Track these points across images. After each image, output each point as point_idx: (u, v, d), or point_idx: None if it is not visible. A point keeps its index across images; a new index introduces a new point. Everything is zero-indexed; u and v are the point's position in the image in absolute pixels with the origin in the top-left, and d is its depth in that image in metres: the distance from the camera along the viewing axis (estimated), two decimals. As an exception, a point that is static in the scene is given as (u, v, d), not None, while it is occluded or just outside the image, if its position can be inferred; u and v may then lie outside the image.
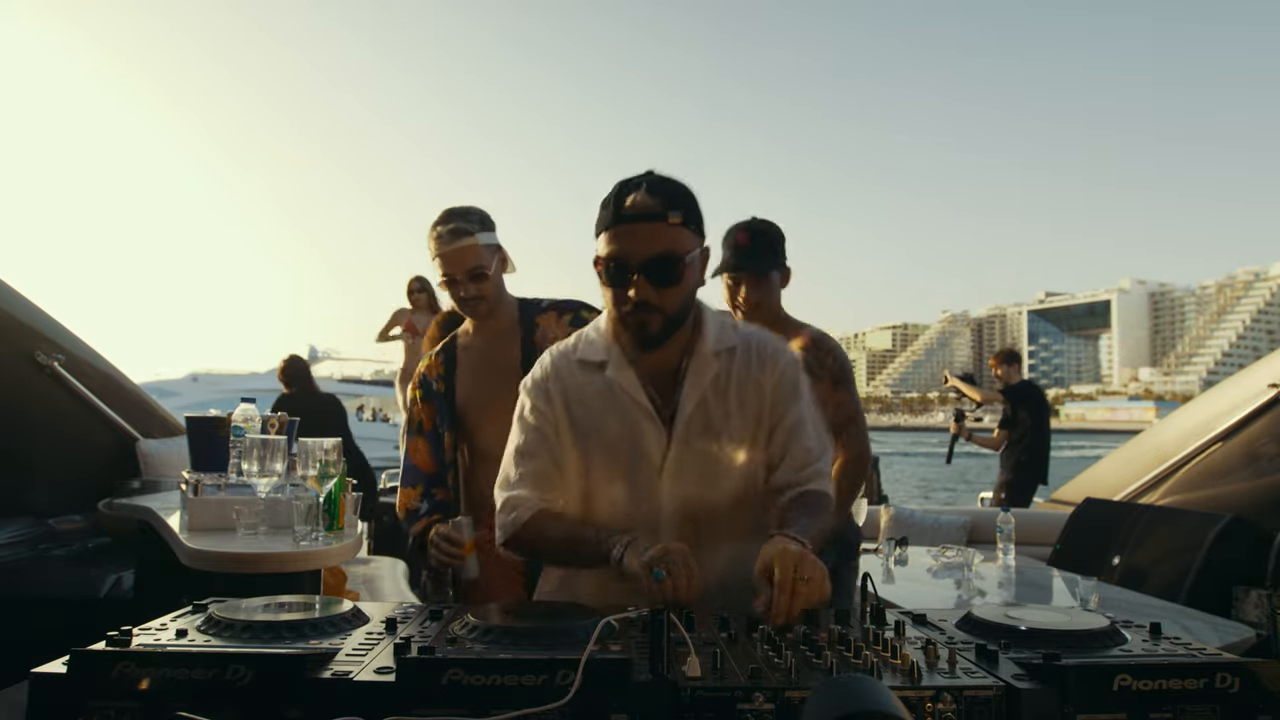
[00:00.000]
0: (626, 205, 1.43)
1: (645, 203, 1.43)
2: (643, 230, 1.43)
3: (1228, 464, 4.23)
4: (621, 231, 1.44)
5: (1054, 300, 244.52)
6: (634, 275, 1.43)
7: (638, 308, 1.45)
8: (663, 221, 1.43)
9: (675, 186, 1.47)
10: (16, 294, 4.02)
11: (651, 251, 1.43)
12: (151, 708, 0.93)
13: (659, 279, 1.44)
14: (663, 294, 1.45)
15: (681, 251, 1.45)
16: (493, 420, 2.19)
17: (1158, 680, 0.96)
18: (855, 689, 0.78)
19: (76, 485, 4.38)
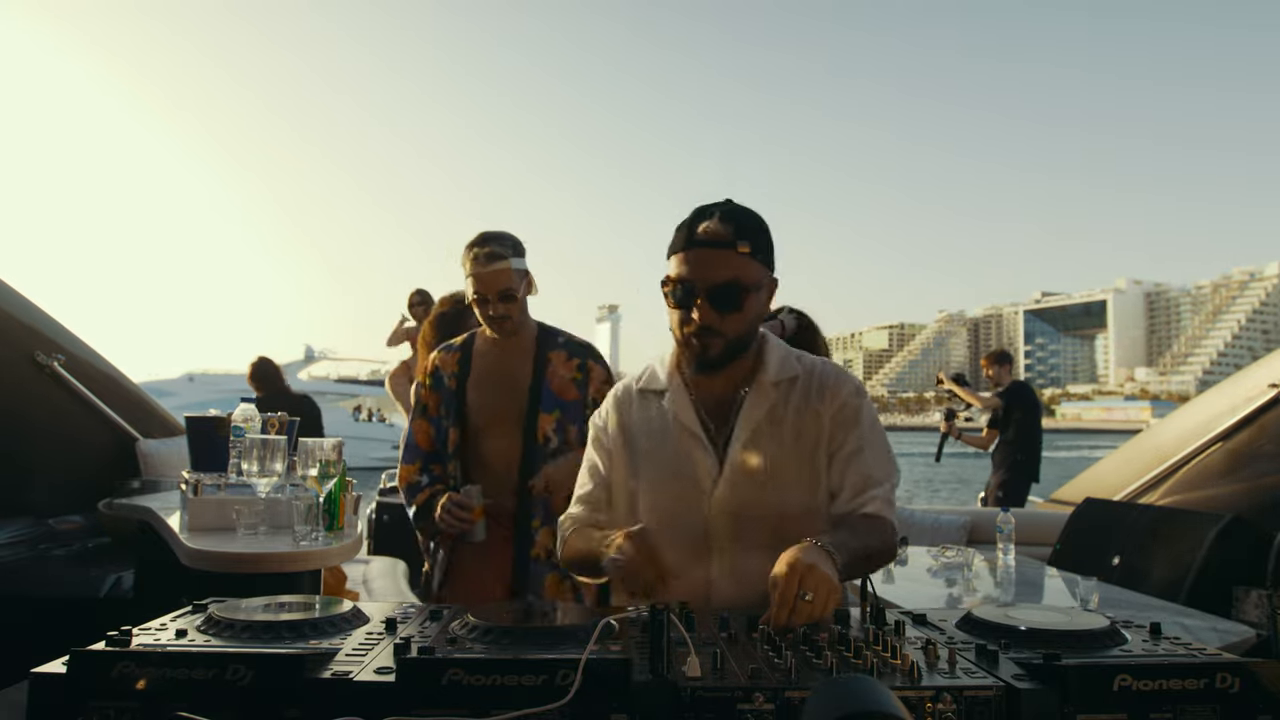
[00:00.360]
0: (699, 231, 1.48)
1: (717, 230, 1.47)
2: (711, 256, 1.47)
3: (1228, 464, 4.23)
4: (691, 256, 1.48)
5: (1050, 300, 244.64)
6: (699, 299, 1.47)
7: (701, 331, 1.49)
8: (732, 250, 1.46)
9: (749, 217, 1.51)
10: (16, 294, 4.02)
11: (718, 278, 1.46)
12: (151, 708, 0.93)
13: (723, 305, 1.48)
14: (725, 319, 1.48)
15: (747, 280, 1.48)
16: (495, 430, 2.44)
17: (1158, 680, 0.96)
18: (855, 689, 0.78)
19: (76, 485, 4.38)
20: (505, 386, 2.44)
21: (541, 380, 2.43)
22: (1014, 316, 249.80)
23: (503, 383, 2.44)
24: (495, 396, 2.44)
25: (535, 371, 2.43)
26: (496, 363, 2.47)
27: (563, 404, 2.43)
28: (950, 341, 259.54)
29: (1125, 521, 4.02)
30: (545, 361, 2.45)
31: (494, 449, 2.44)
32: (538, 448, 2.41)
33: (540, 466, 2.40)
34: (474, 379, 2.47)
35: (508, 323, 2.40)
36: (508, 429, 2.42)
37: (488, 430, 2.45)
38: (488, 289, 2.36)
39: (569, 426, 2.43)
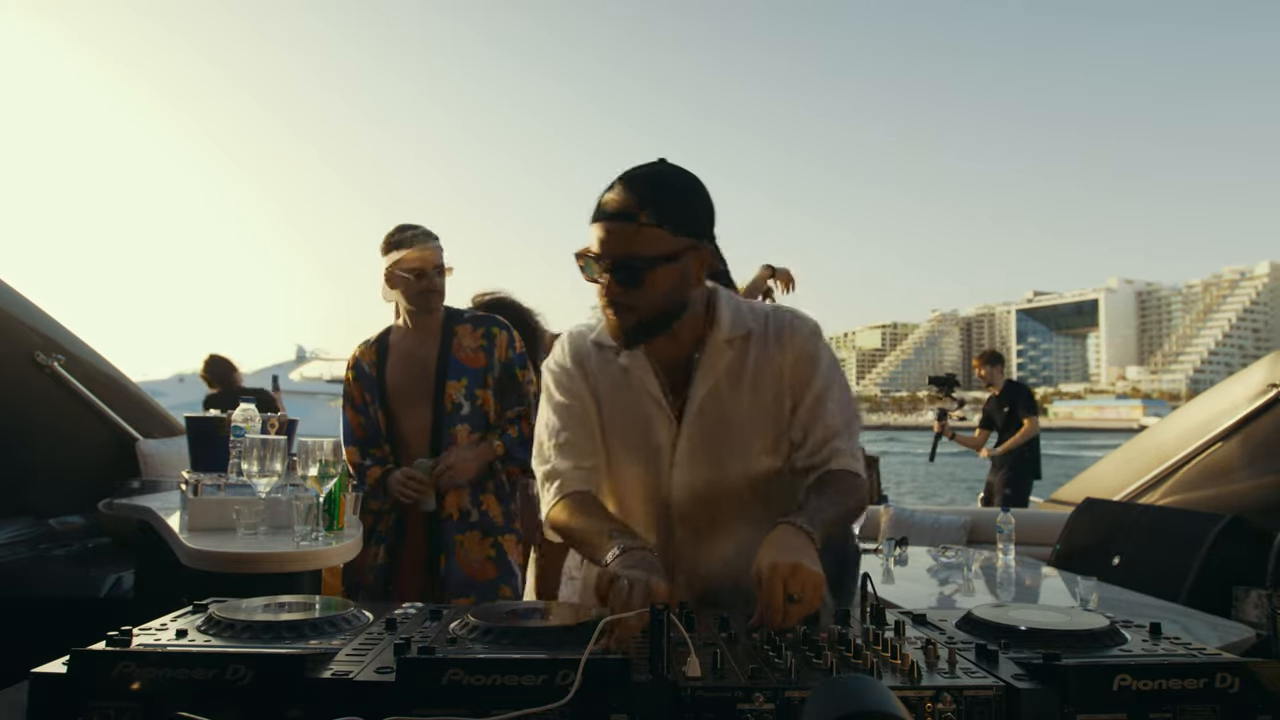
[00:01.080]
0: (603, 201, 1.38)
1: (618, 200, 1.37)
2: (613, 230, 1.37)
3: (1228, 464, 4.23)
4: (596, 229, 1.39)
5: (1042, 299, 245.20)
6: (603, 274, 1.39)
7: (610, 305, 1.41)
8: (632, 221, 1.35)
9: (661, 181, 1.39)
10: (16, 294, 4.02)
11: (617, 252, 1.37)
12: (151, 708, 0.93)
13: (625, 280, 1.38)
14: (631, 294, 1.39)
15: (648, 253, 1.36)
16: (410, 408, 2.68)
17: (1158, 680, 0.96)
18: (855, 689, 0.78)
19: (76, 485, 4.37)
20: (417, 366, 2.68)
21: (448, 352, 2.67)
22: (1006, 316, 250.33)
23: (414, 363, 2.68)
24: (408, 376, 2.68)
25: (442, 345, 2.67)
26: (409, 346, 2.71)
27: (470, 371, 2.68)
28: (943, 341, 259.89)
29: (1125, 521, 4.02)
30: (451, 334, 2.69)
31: (411, 425, 2.68)
32: (446, 415, 2.64)
33: (449, 431, 2.64)
34: (390, 364, 2.72)
35: (437, 296, 2.67)
36: (420, 404, 2.66)
37: (404, 409, 2.69)
38: (427, 264, 2.61)
39: (477, 391, 2.67)
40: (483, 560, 2.64)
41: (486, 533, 2.66)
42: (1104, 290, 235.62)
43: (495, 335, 2.72)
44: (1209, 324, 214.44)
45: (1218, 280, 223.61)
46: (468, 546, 2.64)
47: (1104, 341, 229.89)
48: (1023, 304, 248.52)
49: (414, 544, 2.69)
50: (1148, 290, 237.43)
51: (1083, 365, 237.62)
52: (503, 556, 2.66)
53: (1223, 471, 4.25)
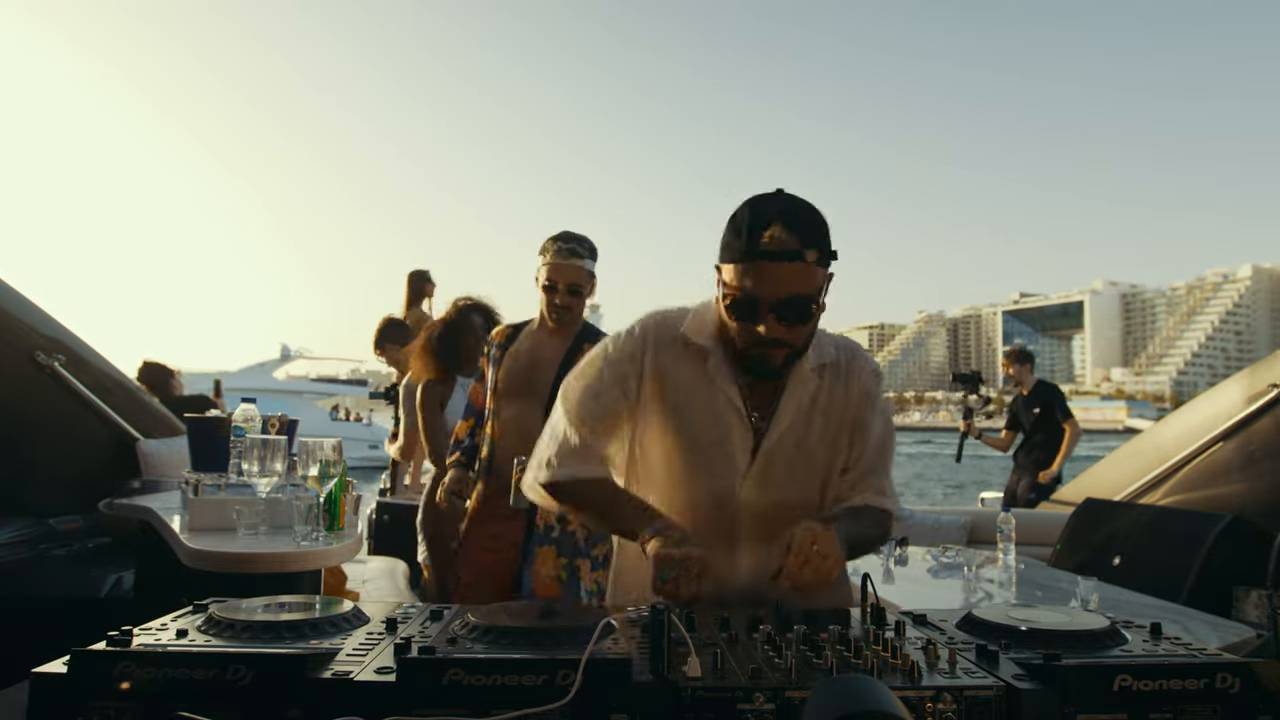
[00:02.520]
0: (764, 240, 1.36)
1: (783, 240, 1.36)
2: (778, 270, 1.37)
3: (1228, 464, 4.23)
4: (755, 268, 1.37)
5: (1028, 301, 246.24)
6: (765, 313, 1.39)
7: (767, 343, 1.42)
8: (800, 261, 1.36)
9: (811, 218, 1.41)
10: (16, 294, 4.02)
11: (786, 292, 1.38)
12: (152, 708, 0.93)
13: (791, 318, 1.40)
14: (792, 331, 1.42)
15: (815, 291, 1.40)
16: (516, 399, 2.71)
17: (1158, 680, 0.96)
18: (855, 689, 0.78)
19: (77, 485, 4.37)
20: (534, 360, 2.72)
21: (572, 361, 2.63)
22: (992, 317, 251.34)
23: (535, 357, 2.73)
24: (522, 367, 2.73)
25: (568, 353, 2.68)
26: (536, 343, 2.77)
27: None
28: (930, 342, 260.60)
29: (1125, 521, 4.02)
30: (579, 349, 2.67)
31: (514, 415, 2.72)
32: None
33: None
34: (513, 350, 2.78)
35: (568, 315, 2.70)
36: (528, 402, 2.67)
37: (510, 397, 2.72)
38: (560, 279, 2.65)
39: None
40: (551, 578, 2.63)
41: (561, 552, 2.65)
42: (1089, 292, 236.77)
43: None
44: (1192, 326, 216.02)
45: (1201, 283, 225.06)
46: (541, 560, 2.65)
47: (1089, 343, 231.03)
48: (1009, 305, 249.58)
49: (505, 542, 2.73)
50: (1132, 292, 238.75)
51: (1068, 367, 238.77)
52: (574, 579, 2.65)
53: (1223, 471, 4.25)
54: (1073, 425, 6.00)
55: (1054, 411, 6.05)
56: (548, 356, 2.71)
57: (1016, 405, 6.31)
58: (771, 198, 1.42)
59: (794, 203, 1.41)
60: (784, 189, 1.45)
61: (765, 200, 1.41)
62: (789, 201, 1.41)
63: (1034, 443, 6.09)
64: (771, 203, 1.41)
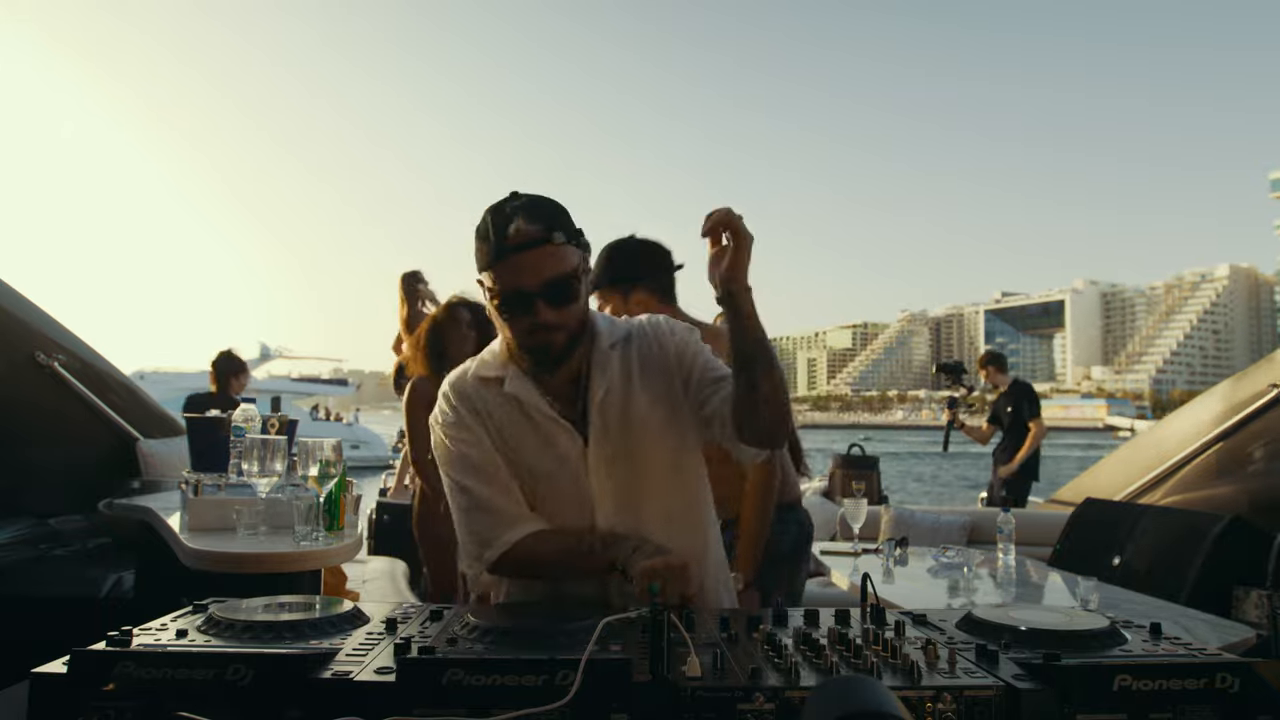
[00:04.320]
0: (510, 235, 1.43)
1: (527, 230, 1.43)
2: (532, 257, 1.43)
3: (1228, 464, 4.23)
4: (511, 263, 1.43)
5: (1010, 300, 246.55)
6: (535, 301, 1.44)
7: (542, 330, 1.46)
8: (549, 244, 1.44)
9: (548, 206, 1.47)
10: (16, 294, 4.02)
11: (546, 275, 1.44)
12: (152, 708, 0.93)
13: (559, 300, 1.45)
14: (563, 313, 1.47)
15: (571, 269, 1.46)
16: None
17: (1158, 680, 0.96)
18: (855, 689, 0.78)
19: (77, 485, 4.37)
20: None
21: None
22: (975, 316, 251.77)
23: None
24: None
25: None
26: None
27: None
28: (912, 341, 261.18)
29: (1125, 521, 4.02)
30: None
31: None
32: None
33: None
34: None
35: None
36: None
37: None
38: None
39: None
40: None
41: None
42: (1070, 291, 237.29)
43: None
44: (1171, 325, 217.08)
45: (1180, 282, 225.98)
46: None
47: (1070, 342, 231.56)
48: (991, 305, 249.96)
49: None
50: (1112, 291, 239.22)
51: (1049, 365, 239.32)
52: None
53: (1223, 471, 4.25)
54: (1037, 424, 6.19)
55: (1021, 411, 6.28)
56: None
57: (998, 403, 6.55)
58: (506, 199, 1.49)
59: (529, 197, 1.48)
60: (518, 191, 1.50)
61: (502, 204, 1.48)
62: (524, 198, 1.48)
63: (1007, 441, 6.32)
64: (508, 203, 1.47)
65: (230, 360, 6.08)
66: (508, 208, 1.46)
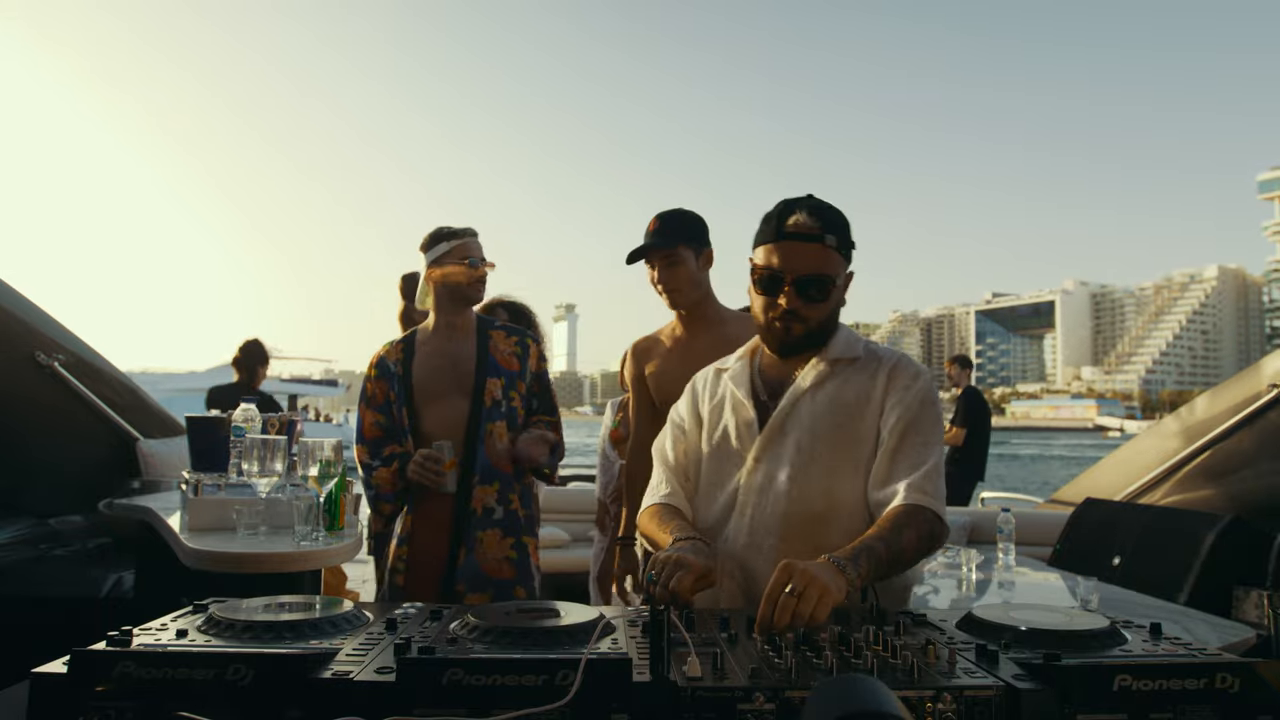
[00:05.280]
0: (789, 224, 1.55)
1: (806, 223, 1.54)
2: (800, 248, 1.54)
3: (1227, 464, 4.23)
4: (781, 247, 1.55)
5: (1000, 301, 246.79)
6: (786, 287, 1.55)
7: (785, 315, 1.57)
8: (819, 243, 1.54)
9: (833, 212, 1.58)
10: (17, 294, 4.02)
11: (805, 268, 1.54)
12: (152, 708, 0.93)
13: (809, 294, 1.55)
14: (810, 307, 1.56)
15: (831, 272, 1.56)
16: (440, 402, 2.66)
17: (1158, 680, 0.96)
18: (855, 689, 0.78)
19: (77, 485, 4.38)
20: (449, 362, 2.69)
21: (486, 352, 2.70)
22: (965, 316, 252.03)
23: (446, 360, 2.69)
24: (439, 372, 2.68)
25: (480, 345, 2.71)
26: (440, 345, 2.72)
27: (507, 373, 2.70)
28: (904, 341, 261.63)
29: (1125, 521, 4.02)
30: (487, 338, 2.73)
31: (438, 419, 2.66)
32: (484, 410, 2.63)
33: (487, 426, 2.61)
34: (419, 360, 2.71)
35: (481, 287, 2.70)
36: (453, 399, 2.66)
37: (433, 404, 2.67)
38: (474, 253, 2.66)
39: (512, 392, 2.70)
40: (501, 559, 2.59)
41: (509, 532, 2.61)
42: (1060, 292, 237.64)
43: (529, 345, 2.79)
44: (1160, 325, 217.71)
45: (1169, 283, 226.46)
46: (487, 544, 2.60)
47: (1060, 342, 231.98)
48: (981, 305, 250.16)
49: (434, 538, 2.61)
50: (1102, 292, 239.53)
51: (1040, 365, 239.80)
52: (524, 558, 2.63)
53: (1223, 472, 4.25)
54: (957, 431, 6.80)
55: (957, 415, 6.83)
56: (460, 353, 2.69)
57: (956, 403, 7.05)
58: (800, 198, 1.61)
59: (819, 200, 1.61)
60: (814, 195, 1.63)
61: (795, 198, 1.62)
62: (815, 199, 1.61)
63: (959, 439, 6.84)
64: (800, 199, 1.61)
65: (259, 349, 6.00)
66: (798, 201, 1.59)
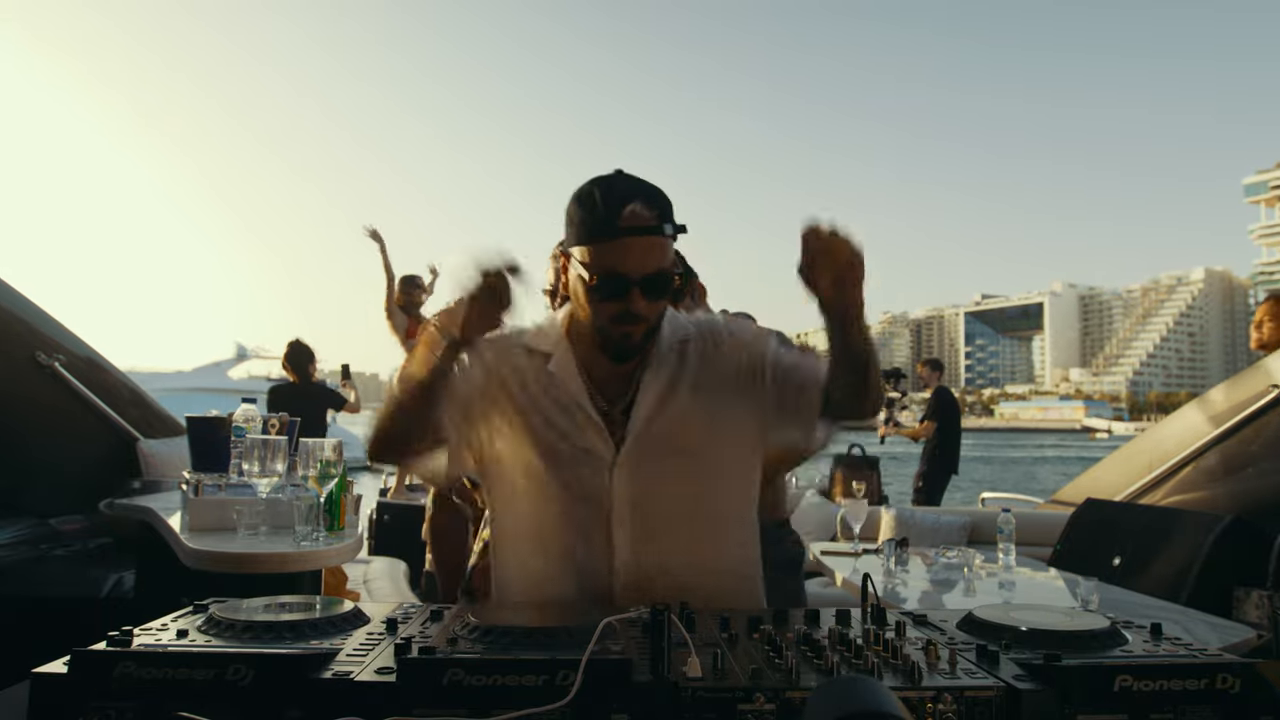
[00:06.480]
0: (625, 216, 1.36)
1: (644, 215, 1.37)
2: (642, 244, 1.38)
3: (1228, 464, 4.23)
4: (620, 245, 1.37)
5: (989, 302, 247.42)
6: (632, 289, 1.38)
7: (629, 319, 1.41)
8: (661, 235, 1.39)
9: (661, 195, 1.42)
10: (17, 293, 4.02)
11: (651, 267, 1.38)
12: (152, 708, 0.93)
13: (654, 293, 1.40)
14: (653, 306, 1.42)
15: (671, 263, 1.42)
16: None
17: (1158, 681, 0.96)
18: (856, 689, 0.78)
19: (77, 485, 4.37)
20: None
21: None
22: (955, 318, 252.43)
23: None
24: None
25: None
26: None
27: None
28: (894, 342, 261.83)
29: (1125, 522, 4.02)
30: None
31: None
32: None
33: None
34: None
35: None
36: None
37: None
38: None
39: None
40: None
41: None
42: (1048, 294, 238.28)
43: None
44: (1147, 327, 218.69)
45: (1156, 285, 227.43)
46: None
47: (1048, 344, 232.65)
48: (971, 307, 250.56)
49: None
50: (1090, 294, 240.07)
51: (1028, 367, 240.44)
52: None
53: (1223, 472, 4.25)
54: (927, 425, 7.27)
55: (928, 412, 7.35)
56: None
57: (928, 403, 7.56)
58: (618, 177, 1.43)
59: (641, 181, 1.43)
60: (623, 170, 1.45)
61: (614, 180, 1.42)
62: (637, 180, 1.43)
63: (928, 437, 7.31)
64: (621, 182, 1.42)
65: (304, 348, 6.26)
66: (622, 186, 1.40)
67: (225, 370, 38.10)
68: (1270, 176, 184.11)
